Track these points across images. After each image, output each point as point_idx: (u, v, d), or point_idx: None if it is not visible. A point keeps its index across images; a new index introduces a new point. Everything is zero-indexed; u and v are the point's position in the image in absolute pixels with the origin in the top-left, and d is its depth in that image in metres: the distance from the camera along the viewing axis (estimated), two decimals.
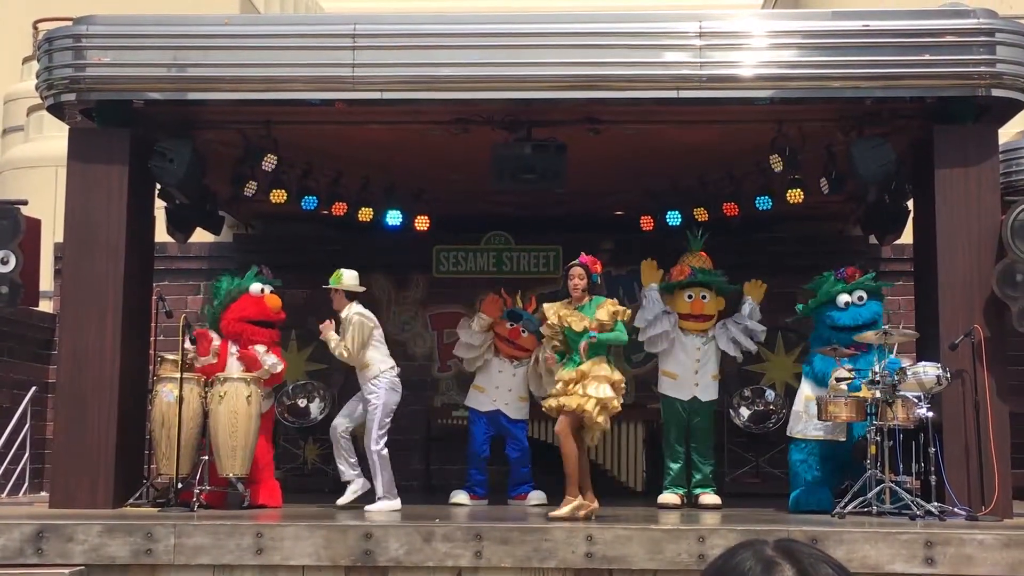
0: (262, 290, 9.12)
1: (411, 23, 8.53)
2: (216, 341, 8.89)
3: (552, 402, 8.01)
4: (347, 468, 8.82)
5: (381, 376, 8.78)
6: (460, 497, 9.52)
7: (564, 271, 8.32)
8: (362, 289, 8.97)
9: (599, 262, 8.27)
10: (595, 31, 8.38)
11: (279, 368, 9.05)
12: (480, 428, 9.78)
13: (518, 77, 8.34)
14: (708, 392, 9.33)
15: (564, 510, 7.71)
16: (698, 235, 9.63)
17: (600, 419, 7.84)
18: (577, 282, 8.09)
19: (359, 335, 8.66)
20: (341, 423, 8.90)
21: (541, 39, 8.39)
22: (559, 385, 7.98)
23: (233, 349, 8.90)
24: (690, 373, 9.28)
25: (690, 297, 9.30)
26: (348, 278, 8.82)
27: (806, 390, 8.85)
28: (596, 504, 7.86)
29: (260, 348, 8.88)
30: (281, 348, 9.46)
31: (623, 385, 8.07)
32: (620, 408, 8.03)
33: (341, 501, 8.70)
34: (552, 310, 8.17)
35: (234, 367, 8.82)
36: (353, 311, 8.74)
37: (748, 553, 1.60)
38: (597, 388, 7.82)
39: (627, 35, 8.36)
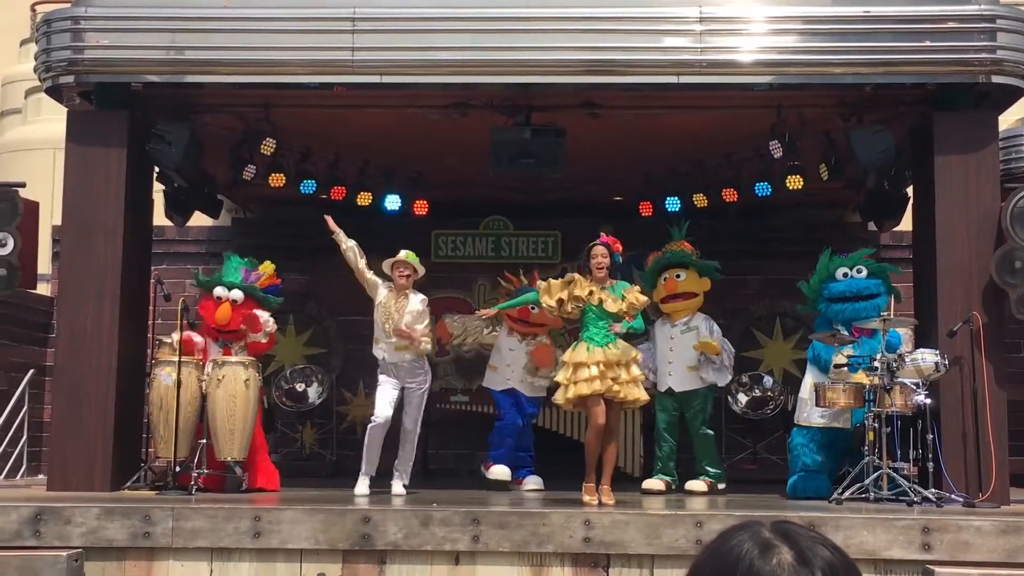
0: (219, 298, 8.86)
1: (411, 7, 8.49)
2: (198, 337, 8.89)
3: (586, 388, 7.65)
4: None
5: (426, 357, 8.81)
6: (532, 483, 9.37)
7: (585, 251, 8.14)
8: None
9: (618, 241, 8.16)
10: (595, 16, 8.34)
11: (271, 326, 8.98)
12: (504, 403, 9.62)
13: (517, 61, 8.31)
14: (684, 383, 9.26)
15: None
16: (681, 225, 9.62)
17: (644, 399, 7.96)
18: (601, 260, 7.92)
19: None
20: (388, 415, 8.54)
21: (540, 23, 8.36)
22: (593, 369, 7.67)
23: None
24: (664, 364, 9.30)
25: (665, 279, 9.38)
26: None
27: (810, 377, 8.84)
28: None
29: (261, 313, 8.87)
30: (278, 334, 9.45)
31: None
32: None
33: (397, 490, 8.39)
34: (582, 284, 7.85)
35: (214, 351, 8.79)
36: (420, 297, 8.78)
37: (745, 535, 1.58)
38: (638, 375, 7.87)
39: (627, 20, 8.32)
